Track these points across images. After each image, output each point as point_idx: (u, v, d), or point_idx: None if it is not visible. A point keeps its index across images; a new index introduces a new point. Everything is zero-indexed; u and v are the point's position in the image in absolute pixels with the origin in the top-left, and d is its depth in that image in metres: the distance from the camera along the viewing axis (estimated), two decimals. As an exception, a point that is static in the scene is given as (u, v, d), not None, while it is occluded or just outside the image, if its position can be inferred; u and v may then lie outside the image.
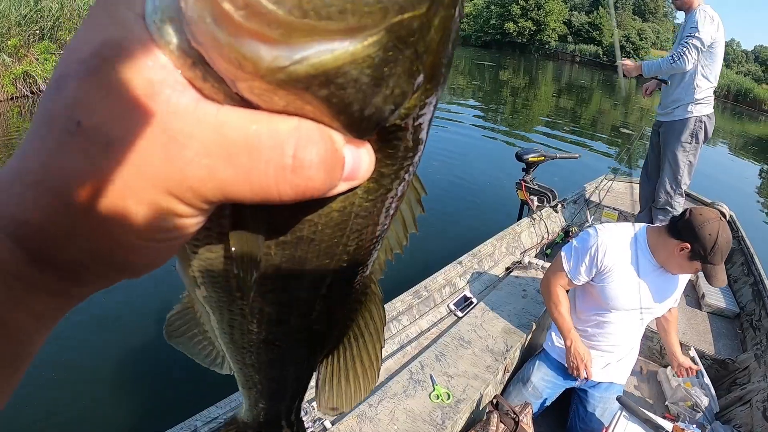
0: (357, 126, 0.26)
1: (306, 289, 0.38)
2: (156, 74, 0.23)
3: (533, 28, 52.62)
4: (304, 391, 0.56)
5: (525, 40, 53.64)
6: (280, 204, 0.26)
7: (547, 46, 54.14)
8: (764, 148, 20.50)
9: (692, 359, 2.87)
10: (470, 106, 16.87)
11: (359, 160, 0.28)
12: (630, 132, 16.08)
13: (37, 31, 11.42)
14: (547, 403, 2.79)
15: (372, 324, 0.49)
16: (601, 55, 49.75)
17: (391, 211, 0.36)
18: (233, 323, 0.40)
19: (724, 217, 4.79)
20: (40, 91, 11.01)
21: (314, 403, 1.71)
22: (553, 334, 2.79)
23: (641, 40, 50.83)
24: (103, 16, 0.24)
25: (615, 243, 2.47)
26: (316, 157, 0.25)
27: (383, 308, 0.48)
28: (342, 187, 0.28)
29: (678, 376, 2.84)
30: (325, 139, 0.25)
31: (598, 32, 52.06)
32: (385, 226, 0.37)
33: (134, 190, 0.24)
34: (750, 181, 13.50)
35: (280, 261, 0.34)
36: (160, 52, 0.23)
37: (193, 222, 0.27)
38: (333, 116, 0.25)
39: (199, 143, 0.23)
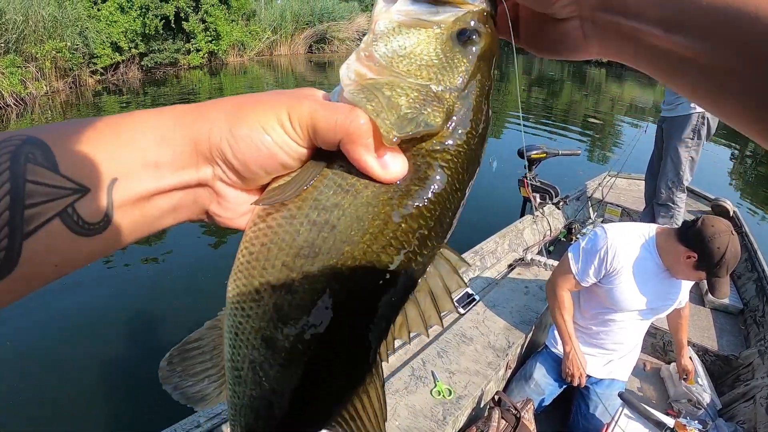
0: (399, 125, 0.42)
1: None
2: (318, 94, 0.47)
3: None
4: None
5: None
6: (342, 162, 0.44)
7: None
8: (732, 132, 20.89)
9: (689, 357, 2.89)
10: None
11: (397, 159, 0.43)
12: (600, 122, 16.26)
13: (2, 44, 11.12)
14: (549, 400, 2.80)
15: (371, 409, 0.48)
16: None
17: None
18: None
19: (728, 214, 4.84)
20: (7, 105, 10.73)
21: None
22: (555, 331, 2.79)
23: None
24: (308, 90, 0.47)
25: (624, 244, 2.45)
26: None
27: (384, 396, 0.48)
28: (377, 166, 0.43)
29: (679, 376, 2.87)
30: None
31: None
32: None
33: (271, 102, 0.43)
34: (723, 165, 13.75)
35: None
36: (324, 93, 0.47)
37: (288, 144, 0.43)
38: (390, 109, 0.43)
39: (315, 100, 0.44)
